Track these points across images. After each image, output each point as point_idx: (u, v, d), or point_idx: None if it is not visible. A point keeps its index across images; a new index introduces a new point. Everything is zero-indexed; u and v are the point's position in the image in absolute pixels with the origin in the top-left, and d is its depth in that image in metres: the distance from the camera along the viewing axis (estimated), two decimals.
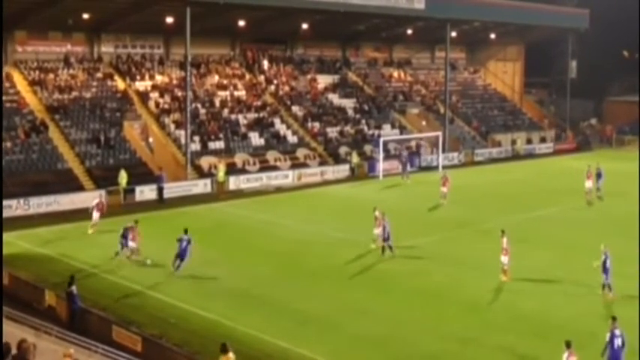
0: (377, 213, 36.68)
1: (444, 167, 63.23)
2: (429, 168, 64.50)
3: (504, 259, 31.65)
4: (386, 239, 35.24)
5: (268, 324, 26.58)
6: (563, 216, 45.61)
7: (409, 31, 76.49)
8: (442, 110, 74.28)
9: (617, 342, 21.27)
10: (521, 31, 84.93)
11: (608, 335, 21.57)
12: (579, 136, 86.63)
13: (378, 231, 36.18)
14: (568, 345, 20.08)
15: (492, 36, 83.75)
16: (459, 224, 42.72)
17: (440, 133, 66.52)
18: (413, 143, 68.17)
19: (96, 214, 39.71)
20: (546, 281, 31.88)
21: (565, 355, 20.01)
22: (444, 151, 66.43)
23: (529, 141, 80.00)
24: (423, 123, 73.80)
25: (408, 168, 59.77)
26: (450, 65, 77.24)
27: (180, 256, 32.24)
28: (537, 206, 48.23)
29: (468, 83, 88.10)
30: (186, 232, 32.71)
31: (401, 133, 69.50)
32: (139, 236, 34.17)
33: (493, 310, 28.64)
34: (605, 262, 28.94)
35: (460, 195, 50.06)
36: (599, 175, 52.04)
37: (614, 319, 21.97)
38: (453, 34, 74.02)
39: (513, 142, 77.29)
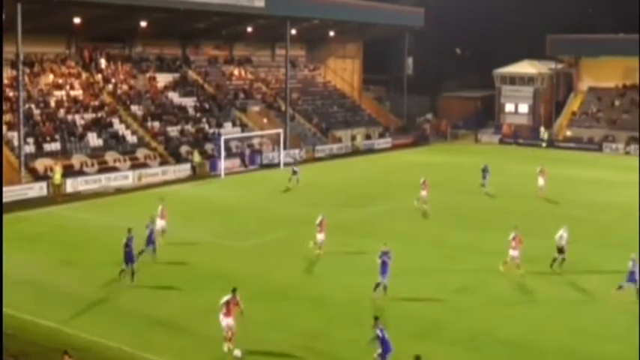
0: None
1: (286, 164, 63.56)
2: (271, 165, 64.70)
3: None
4: None
5: (113, 329, 25.87)
6: (406, 209, 46.65)
7: (249, 29, 76.39)
8: (283, 107, 74.62)
9: (386, 335, 21.82)
10: (360, 29, 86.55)
11: (378, 332, 21.97)
12: (417, 130, 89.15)
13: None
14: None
15: (332, 34, 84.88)
16: (304, 221, 42.88)
17: (281, 131, 66.84)
18: (255, 141, 68.23)
19: None
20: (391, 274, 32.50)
21: None
22: (285, 148, 66.80)
23: (368, 136, 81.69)
24: (264, 120, 73.97)
25: (251, 166, 59.73)
26: (291, 63, 77.67)
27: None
28: (381, 200, 49.27)
29: (308, 80, 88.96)
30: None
31: (242, 131, 69.35)
32: None
33: (338, 305, 29.00)
34: (384, 263, 29.37)
35: (303, 191, 50.39)
36: (485, 171, 53.86)
37: (376, 318, 22.52)
38: (293, 31, 74.50)
39: (353, 138, 78.70)
